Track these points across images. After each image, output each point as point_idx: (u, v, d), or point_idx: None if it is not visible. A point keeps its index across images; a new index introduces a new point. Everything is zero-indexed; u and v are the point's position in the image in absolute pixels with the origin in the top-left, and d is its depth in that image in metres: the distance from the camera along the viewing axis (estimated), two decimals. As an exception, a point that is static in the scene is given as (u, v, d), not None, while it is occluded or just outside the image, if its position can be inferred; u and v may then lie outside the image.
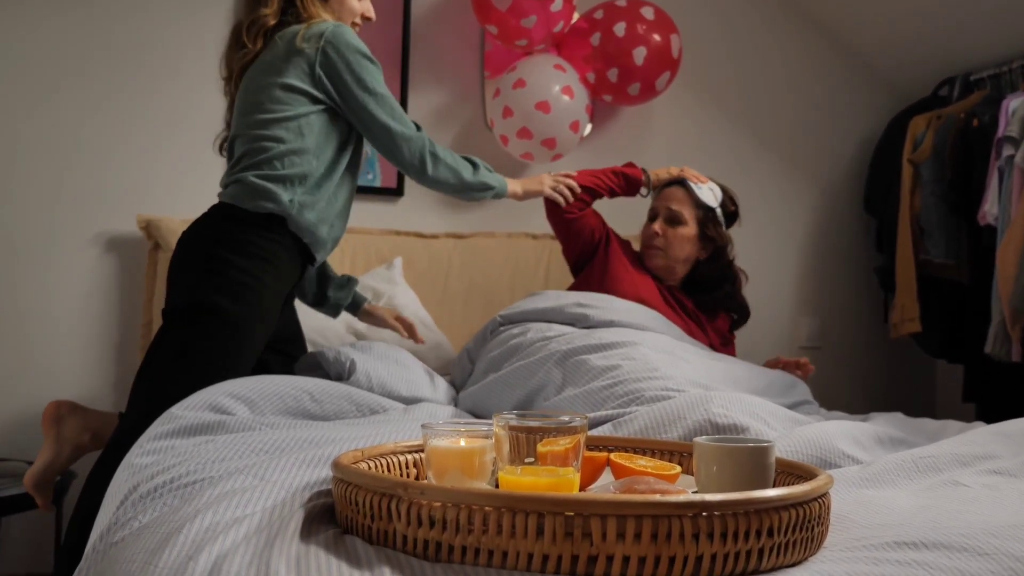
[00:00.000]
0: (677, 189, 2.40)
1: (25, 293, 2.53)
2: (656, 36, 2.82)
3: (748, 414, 1.48)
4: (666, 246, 2.35)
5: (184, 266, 1.87)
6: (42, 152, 2.56)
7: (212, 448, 1.27)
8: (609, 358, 1.77)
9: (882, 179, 3.24)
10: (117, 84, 2.63)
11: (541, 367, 1.81)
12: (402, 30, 2.89)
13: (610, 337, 1.87)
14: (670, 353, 1.87)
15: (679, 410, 1.46)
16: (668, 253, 2.35)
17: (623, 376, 1.69)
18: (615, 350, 1.81)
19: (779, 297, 3.34)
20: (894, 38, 3.27)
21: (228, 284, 1.79)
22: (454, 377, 2.18)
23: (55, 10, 2.58)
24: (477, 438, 1.07)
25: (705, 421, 1.42)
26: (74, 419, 1.97)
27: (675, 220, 2.35)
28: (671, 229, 2.35)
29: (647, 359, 1.76)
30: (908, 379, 3.45)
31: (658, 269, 2.38)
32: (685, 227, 2.35)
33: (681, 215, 2.35)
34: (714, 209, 2.38)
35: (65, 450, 1.96)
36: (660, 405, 1.48)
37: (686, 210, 2.36)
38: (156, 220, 2.53)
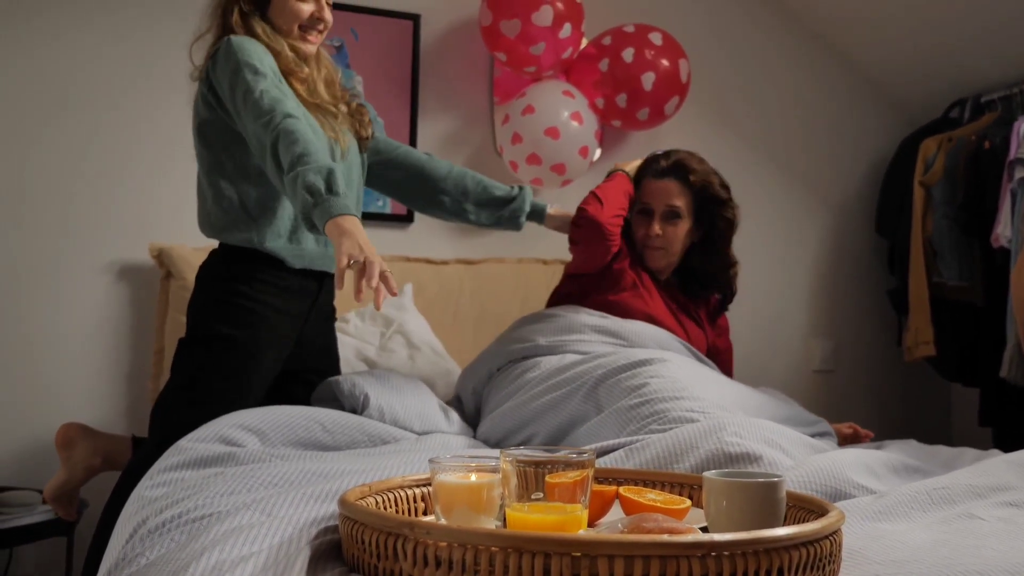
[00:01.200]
0: (670, 182, 2.26)
1: (38, 321, 2.54)
2: (664, 61, 2.83)
3: (762, 441, 1.46)
4: (666, 244, 2.24)
5: (193, 299, 1.89)
6: (54, 180, 2.58)
7: (221, 481, 1.27)
8: (637, 376, 1.76)
9: (893, 201, 3.23)
10: (128, 112, 2.65)
11: (574, 396, 1.79)
12: (411, 57, 2.91)
13: (639, 355, 1.85)
14: (696, 373, 1.86)
15: (692, 438, 1.44)
16: (670, 251, 2.25)
17: (650, 395, 1.67)
18: (645, 367, 1.79)
19: (791, 320, 3.33)
20: (904, 59, 3.27)
21: (233, 311, 1.79)
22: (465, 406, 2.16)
23: (63, 36, 2.60)
24: (485, 473, 1.06)
25: (717, 449, 1.40)
26: (85, 442, 2.00)
27: (673, 215, 2.24)
28: (670, 227, 2.24)
29: (676, 377, 1.74)
30: (923, 403, 3.42)
31: (660, 270, 2.28)
32: (683, 220, 2.24)
33: (678, 209, 2.24)
34: (708, 187, 2.26)
35: (77, 473, 1.99)
36: (673, 433, 1.47)
37: (681, 203, 2.24)
38: (168, 248, 2.54)
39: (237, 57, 1.73)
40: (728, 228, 2.29)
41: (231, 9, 1.88)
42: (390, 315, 2.58)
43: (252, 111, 1.67)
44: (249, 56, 1.74)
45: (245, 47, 1.76)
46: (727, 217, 2.28)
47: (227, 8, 1.89)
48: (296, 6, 1.89)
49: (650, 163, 2.32)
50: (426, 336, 2.57)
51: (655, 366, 1.79)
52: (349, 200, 1.54)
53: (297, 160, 1.56)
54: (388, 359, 2.42)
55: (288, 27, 1.90)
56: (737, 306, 3.12)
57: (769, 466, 1.38)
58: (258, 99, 1.67)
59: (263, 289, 1.82)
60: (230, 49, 1.76)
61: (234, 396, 1.74)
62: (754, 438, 1.45)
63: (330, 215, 1.50)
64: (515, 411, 1.84)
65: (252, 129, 1.67)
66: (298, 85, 1.86)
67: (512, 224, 2.24)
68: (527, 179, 2.83)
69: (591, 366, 1.84)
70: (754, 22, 3.33)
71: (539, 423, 1.80)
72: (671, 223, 2.23)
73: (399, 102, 2.89)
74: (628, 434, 1.60)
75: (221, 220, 1.86)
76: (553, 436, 1.78)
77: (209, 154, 1.88)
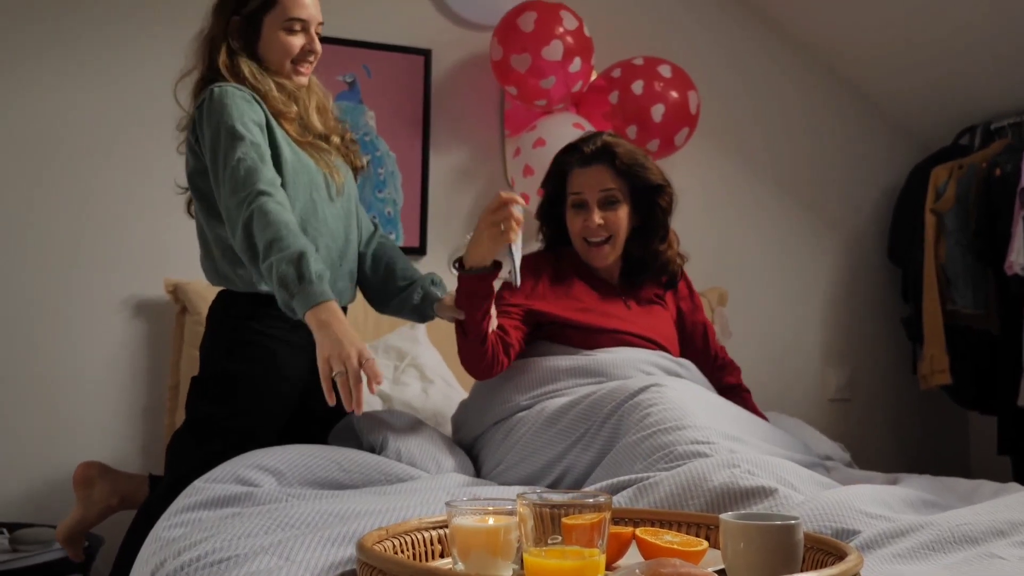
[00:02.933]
0: (599, 168, 2.02)
1: (55, 357, 2.56)
2: (674, 93, 2.85)
3: (775, 478, 1.45)
4: (610, 232, 2.02)
5: (205, 338, 1.90)
6: (70, 216, 2.61)
7: (239, 522, 1.27)
8: (637, 408, 1.70)
9: (905, 229, 3.23)
10: (144, 147, 2.68)
11: (576, 444, 1.76)
12: (423, 92, 2.94)
13: (633, 385, 1.78)
14: (691, 395, 1.81)
15: (703, 473, 1.43)
16: (616, 240, 2.04)
17: (653, 426, 1.63)
18: (643, 395, 1.73)
19: (805, 348, 3.32)
20: (913, 87, 3.28)
21: (243, 348, 1.79)
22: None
23: (80, 75, 2.64)
24: (501, 516, 1.06)
25: (731, 483, 1.39)
26: (104, 482, 1.98)
27: (611, 201, 2.02)
28: (610, 213, 2.02)
29: (673, 403, 1.69)
30: (940, 431, 3.40)
31: (608, 269, 2.10)
32: (621, 205, 2.03)
33: (615, 194, 2.02)
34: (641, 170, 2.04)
35: (93, 512, 1.98)
36: (684, 469, 1.46)
37: (616, 186, 2.02)
38: (183, 284, 2.56)
39: (219, 116, 1.71)
40: (665, 214, 2.09)
41: (218, 48, 1.84)
42: (404, 348, 2.59)
43: (228, 182, 1.65)
44: (231, 116, 1.70)
45: (227, 105, 1.72)
46: (662, 204, 2.08)
47: (214, 46, 1.85)
48: (287, 41, 1.86)
49: (572, 150, 2.09)
50: (440, 369, 2.58)
51: (649, 393, 1.72)
52: (323, 283, 1.56)
53: (269, 247, 1.56)
54: (402, 392, 2.42)
55: (279, 62, 1.87)
56: (750, 334, 3.14)
57: (784, 499, 1.37)
58: (235, 168, 1.65)
59: (273, 325, 1.80)
60: (212, 106, 1.73)
61: (247, 433, 1.73)
62: (767, 474, 1.45)
63: (306, 307, 1.53)
64: (520, 467, 1.80)
65: (226, 202, 1.66)
66: (288, 126, 1.84)
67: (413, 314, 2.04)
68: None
69: (580, 412, 1.78)
70: (763, 53, 3.35)
71: (549, 473, 1.77)
72: (611, 209, 2.02)
73: (411, 137, 2.92)
74: (638, 471, 1.58)
75: (225, 268, 1.84)
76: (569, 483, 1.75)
77: (204, 203, 1.85)
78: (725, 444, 1.60)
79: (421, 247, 2.91)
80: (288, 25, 1.85)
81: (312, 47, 1.90)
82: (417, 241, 2.91)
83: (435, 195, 2.94)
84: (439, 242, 2.94)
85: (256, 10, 1.84)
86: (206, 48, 1.88)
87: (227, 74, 1.81)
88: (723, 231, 3.23)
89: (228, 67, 1.82)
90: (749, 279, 3.26)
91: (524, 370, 1.97)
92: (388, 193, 2.89)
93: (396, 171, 2.89)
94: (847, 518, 1.30)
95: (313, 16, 1.89)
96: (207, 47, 1.87)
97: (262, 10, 1.85)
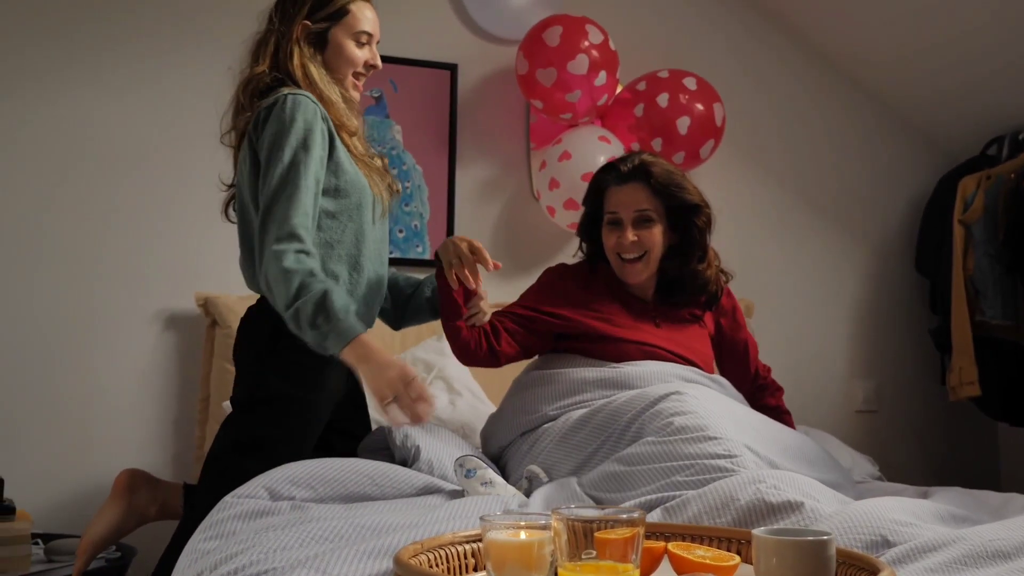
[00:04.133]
0: (635, 186, 2.05)
1: (86, 370, 2.60)
2: (699, 105, 2.86)
3: (800, 492, 1.45)
4: (644, 249, 2.05)
5: (245, 354, 1.87)
6: (102, 230, 2.65)
7: (274, 536, 1.28)
8: (660, 414, 1.71)
9: (933, 239, 3.21)
10: (175, 162, 2.72)
11: (598, 451, 1.77)
12: (449, 106, 2.97)
13: (654, 392, 1.78)
14: (715, 403, 1.80)
15: (730, 491, 1.43)
16: (649, 257, 2.06)
17: (675, 434, 1.63)
18: (664, 403, 1.73)
19: (832, 359, 3.31)
20: (940, 97, 3.27)
21: (290, 368, 1.77)
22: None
23: (113, 91, 2.69)
24: (535, 530, 1.07)
25: (758, 499, 1.40)
26: (146, 490, 1.97)
27: (645, 220, 2.05)
28: (645, 231, 2.04)
29: (695, 411, 1.68)
30: (969, 442, 3.37)
31: (641, 285, 2.11)
32: (656, 224, 2.05)
33: (650, 213, 2.05)
34: (677, 191, 2.06)
35: (131, 521, 1.96)
36: (710, 489, 1.46)
37: (651, 206, 2.05)
38: (214, 298, 2.60)
39: (288, 132, 1.70)
40: (702, 234, 2.10)
41: (287, 51, 1.82)
42: (431, 360, 2.61)
43: (275, 221, 1.67)
44: (299, 139, 1.70)
45: (298, 121, 1.71)
46: (699, 224, 2.09)
47: (281, 49, 1.83)
48: (354, 52, 1.88)
49: (609, 169, 2.12)
50: (467, 381, 2.59)
51: (671, 401, 1.72)
52: (351, 317, 1.62)
53: (296, 294, 1.62)
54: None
55: (343, 73, 1.88)
56: (778, 346, 3.13)
57: (811, 513, 1.37)
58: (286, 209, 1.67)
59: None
60: (283, 115, 1.72)
61: (296, 454, 1.73)
62: (793, 490, 1.44)
63: (341, 346, 1.61)
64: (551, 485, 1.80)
65: (264, 234, 1.68)
66: (347, 138, 1.85)
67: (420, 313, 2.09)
68: (564, 223, 2.86)
69: (600, 421, 1.79)
70: (788, 65, 3.35)
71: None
72: (645, 228, 2.04)
73: (438, 150, 2.95)
74: (660, 487, 1.58)
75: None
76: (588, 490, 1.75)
77: (255, 204, 1.81)
78: (749, 457, 1.60)
79: (447, 260, 2.93)
80: (357, 37, 1.88)
81: (374, 62, 1.93)
82: (443, 254, 2.93)
83: (461, 208, 2.97)
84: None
85: (328, 18, 1.86)
86: (270, 50, 1.85)
87: (300, 77, 1.81)
88: (749, 243, 3.23)
89: (302, 70, 1.81)
90: (776, 291, 3.25)
91: (551, 382, 1.99)
92: (415, 207, 2.91)
93: (423, 185, 2.92)
94: (877, 528, 1.30)
95: (377, 32, 1.93)
96: (271, 49, 1.85)
97: (334, 19, 1.86)
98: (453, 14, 3.03)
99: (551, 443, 1.85)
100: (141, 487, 1.96)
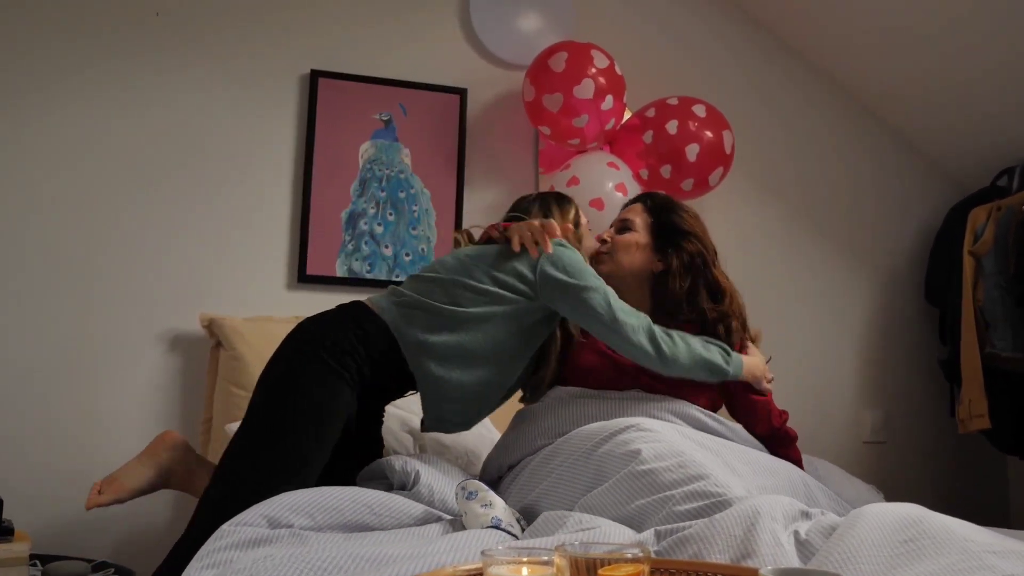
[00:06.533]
0: (633, 204, 2.26)
1: (89, 390, 2.59)
2: (708, 133, 2.85)
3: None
4: (611, 250, 2.18)
5: (288, 359, 1.84)
6: (107, 249, 2.65)
7: (271, 565, 1.26)
8: (630, 442, 1.71)
9: (943, 270, 3.19)
10: (181, 184, 2.73)
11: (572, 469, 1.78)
12: (458, 130, 2.97)
13: (618, 424, 1.80)
14: (678, 435, 1.80)
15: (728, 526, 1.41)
16: (613, 257, 2.17)
17: (647, 465, 1.63)
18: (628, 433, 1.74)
19: (840, 389, 3.28)
20: (951, 128, 3.26)
21: (320, 373, 1.78)
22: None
23: (121, 112, 2.70)
24: (537, 566, 1.05)
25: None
26: (181, 454, 1.99)
27: (624, 227, 2.20)
28: (618, 235, 2.20)
29: (671, 444, 1.69)
30: (978, 475, 3.33)
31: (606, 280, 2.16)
32: (633, 233, 2.18)
33: (630, 223, 2.20)
34: (670, 212, 2.19)
35: (157, 478, 1.97)
36: (711, 521, 1.43)
37: (638, 219, 2.20)
38: (219, 319, 2.59)
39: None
40: (694, 264, 2.14)
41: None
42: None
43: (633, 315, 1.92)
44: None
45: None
46: (689, 249, 2.14)
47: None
48: (591, 243, 2.20)
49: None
50: (471, 407, 2.57)
51: (626, 435, 1.74)
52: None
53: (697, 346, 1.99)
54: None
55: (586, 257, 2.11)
56: (785, 374, 3.09)
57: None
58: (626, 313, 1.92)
59: (353, 361, 1.83)
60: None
61: (322, 470, 1.78)
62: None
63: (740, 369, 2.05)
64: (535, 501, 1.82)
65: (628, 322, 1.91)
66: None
67: None
68: (571, 249, 2.85)
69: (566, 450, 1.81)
70: (798, 93, 3.35)
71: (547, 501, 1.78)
72: (620, 233, 2.20)
73: (446, 174, 2.95)
74: (636, 508, 1.58)
75: (433, 327, 1.88)
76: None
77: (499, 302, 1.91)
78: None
79: (454, 284, 2.92)
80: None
81: (592, 251, 2.21)
82: (450, 278, 2.91)
83: (468, 232, 2.96)
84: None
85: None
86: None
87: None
88: (757, 271, 3.21)
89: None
90: (784, 319, 3.23)
91: (542, 415, 2.03)
92: (422, 230, 2.91)
93: (430, 208, 2.92)
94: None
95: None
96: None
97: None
98: (463, 39, 3.04)
99: (527, 474, 1.87)
100: (180, 451, 1.98)
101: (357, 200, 2.86)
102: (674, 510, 1.53)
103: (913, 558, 1.23)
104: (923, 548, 1.25)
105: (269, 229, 2.80)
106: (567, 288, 1.89)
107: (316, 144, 2.84)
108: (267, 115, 2.83)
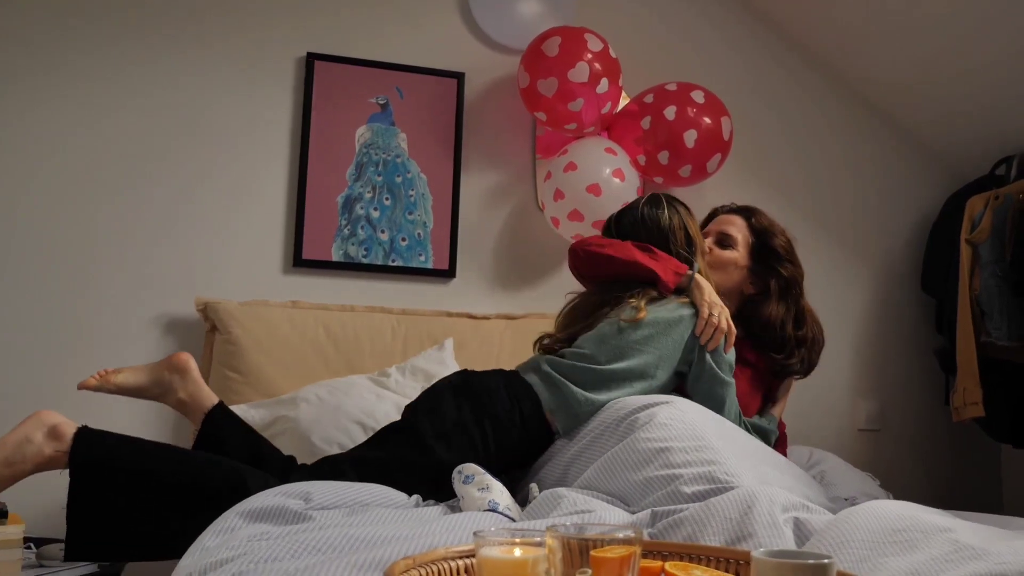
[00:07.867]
0: (735, 216, 2.31)
1: (82, 373, 2.56)
2: (707, 119, 2.84)
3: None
4: (712, 263, 2.21)
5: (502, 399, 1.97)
6: (102, 234, 2.64)
7: (266, 546, 1.27)
8: (647, 426, 1.74)
9: (940, 259, 3.19)
10: (176, 167, 2.72)
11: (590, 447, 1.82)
12: (455, 114, 2.96)
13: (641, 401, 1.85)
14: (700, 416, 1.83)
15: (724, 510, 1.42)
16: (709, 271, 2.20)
17: (666, 455, 1.65)
18: (647, 410, 1.78)
19: (836, 378, 3.28)
20: (949, 117, 3.25)
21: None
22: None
23: (116, 95, 2.69)
24: (530, 547, 1.05)
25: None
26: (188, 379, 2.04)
27: (725, 242, 2.26)
28: (719, 250, 2.25)
29: (688, 425, 1.73)
30: (972, 464, 3.34)
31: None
32: (733, 250, 2.24)
33: (732, 239, 2.25)
34: (771, 236, 2.25)
35: (155, 389, 2.05)
36: (707, 504, 1.44)
37: (739, 235, 2.26)
38: (214, 303, 2.58)
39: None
40: (788, 291, 2.23)
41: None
42: (430, 370, 2.59)
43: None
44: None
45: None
46: (783, 273, 2.23)
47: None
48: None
49: (725, 205, 2.41)
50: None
51: (656, 409, 1.78)
52: None
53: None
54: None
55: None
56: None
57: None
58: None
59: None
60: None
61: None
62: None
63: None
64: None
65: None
66: None
67: None
68: (568, 235, 2.84)
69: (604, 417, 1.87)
70: (796, 80, 3.34)
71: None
72: (721, 247, 2.25)
73: (443, 158, 2.94)
74: (643, 479, 1.60)
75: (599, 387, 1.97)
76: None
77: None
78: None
79: (451, 270, 2.92)
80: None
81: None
82: (447, 264, 2.91)
83: (465, 218, 2.95)
84: (468, 265, 2.94)
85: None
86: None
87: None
88: (753, 258, 3.20)
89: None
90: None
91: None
92: (418, 215, 2.90)
93: (427, 193, 2.91)
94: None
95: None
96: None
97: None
98: (461, 23, 3.03)
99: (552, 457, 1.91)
100: (189, 377, 2.03)
101: (353, 184, 2.85)
102: (680, 490, 1.55)
103: (904, 548, 1.26)
104: (914, 540, 1.27)
105: (265, 213, 2.79)
106: (717, 380, 2.01)
107: (312, 128, 2.82)
108: (263, 98, 2.82)
